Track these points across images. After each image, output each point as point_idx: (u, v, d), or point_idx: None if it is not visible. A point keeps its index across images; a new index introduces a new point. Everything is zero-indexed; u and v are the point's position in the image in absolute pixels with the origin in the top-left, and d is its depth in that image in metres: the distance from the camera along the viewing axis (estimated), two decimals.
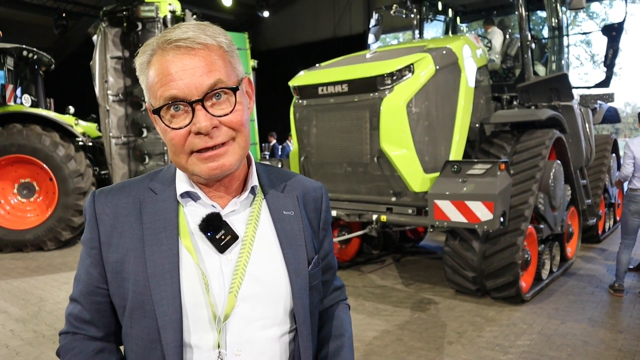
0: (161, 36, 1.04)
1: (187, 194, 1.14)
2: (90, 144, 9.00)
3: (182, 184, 1.14)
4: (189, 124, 1.03)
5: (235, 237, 1.11)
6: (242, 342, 1.09)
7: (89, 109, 10.51)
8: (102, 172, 9.21)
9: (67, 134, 8.56)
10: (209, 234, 1.10)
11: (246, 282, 1.10)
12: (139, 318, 1.08)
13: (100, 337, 1.17)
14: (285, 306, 1.13)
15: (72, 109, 9.71)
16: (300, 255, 1.16)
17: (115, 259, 1.11)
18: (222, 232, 1.10)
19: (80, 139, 8.67)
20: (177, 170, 1.16)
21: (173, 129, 1.04)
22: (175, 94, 1.01)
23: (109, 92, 8.46)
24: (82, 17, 18.29)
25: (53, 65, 10.19)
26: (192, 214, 1.14)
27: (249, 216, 1.16)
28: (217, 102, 1.04)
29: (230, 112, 1.05)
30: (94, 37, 8.70)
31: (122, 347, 1.22)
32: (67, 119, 8.97)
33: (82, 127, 9.37)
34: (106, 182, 9.14)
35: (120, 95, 8.53)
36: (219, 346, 1.07)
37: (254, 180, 1.17)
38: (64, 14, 16.49)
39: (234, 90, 1.06)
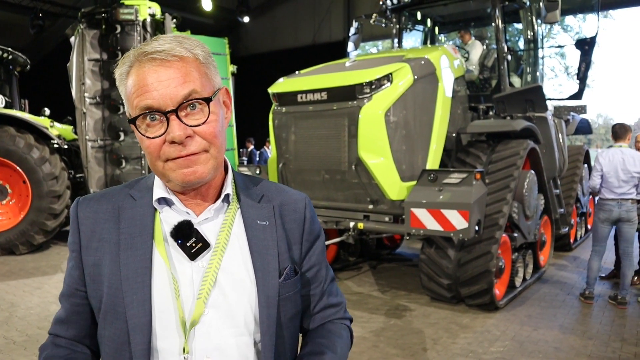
0: (139, 48, 1.07)
1: (164, 200, 1.17)
2: (66, 146, 8.87)
3: (159, 190, 1.17)
4: (163, 134, 1.05)
5: (206, 245, 1.13)
6: (211, 348, 1.10)
7: (64, 111, 10.35)
8: (78, 175, 9.07)
9: (42, 136, 8.42)
10: (179, 242, 1.13)
11: (215, 289, 1.11)
12: (111, 320, 1.11)
13: (75, 338, 1.20)
14: (254, 315, 1.14)
15: (47, 111, 9.56)
16: (270, 265, 1.17)
17: (93, 262, 1.15)
18: (193, 240, 1.12)
19: (55, 142, 8.55)
20: (156, 177, 1.19)
21: (148, 137, 1.06)
22: (150, 104, 1.04)
23: (86, 94, 8.36)
24: (59, 18, 18.04)
25: (28, 66, 10.03)
26: (167, 220, 1.16)
27: (222, 224, 1.17)
28: (192, 113, 1.07)
29: (204, 122, 1.07)
30: (72, 39, 8.59)
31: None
32: (42, 121, 8.83)
33: (57, 130, 9.21)
34: (81, 186, 9.01)
35: (97, 98, 8.44)
36: (184, 351, 1.09)
37: (227, 189, 1.19)
38: (40, 14, 16.22)
39: (208, 100, 1.08)
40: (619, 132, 5.86)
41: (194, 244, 1.12)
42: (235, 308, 1.12)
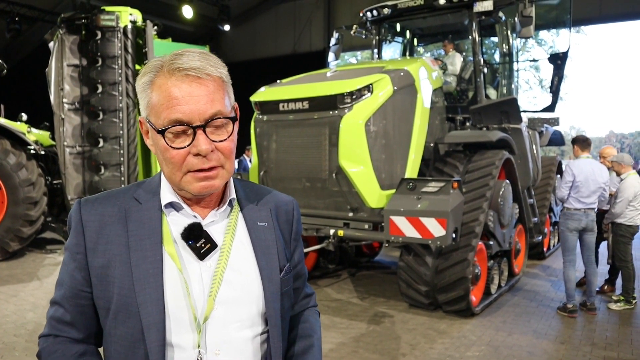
0: (169, 61, 1.13)
1: (171, 205, 1.23)
2: (43, 152, 8.76)
3: (167, 194, 1.23)
4: (188, 145, 1.13)
5: (214, 246, 1.21)
6: (220, 342, 1.18)
7: (42, 117, 10.21)
8: (55, 181, 8.95)
9: (19, 142, 8.30)
10: (190, 242, 1.19)
11: (223, 287, 1.19)
12: (123, 319, 1.16)
13: (81, 338, 1.24)
14: (258, 310, 1.23)
15: (24, 117, 9.42)
16: (272, 263, 1.27)
17: (101, 263, 1.18)
18: (202, 240, 1.20)
19: (32, 148, 8.44)
20: (162, 181, 1.25)
21: (175, 148, 1.13)
22: (180, 118, 1.11)
23: (64, 100, 8.29)
24: (36, 22, 17.79)
25: (5, 71, 9.88)
26: (174, 223, 1.22)
27: (227, 226, 1.26)
28: (216, 129, 1.15)
29: (226, 139, 1.16)
30: (51, 44, 8.52)
31: (101, 350, 1.29)
32: (18, 126, 8.69)
33: (34, 135, 9.09)
34: (59, 192, 8.90)
35: (76, 104, 8.38)
36: (198, 346, 1.16)
37: (231, 194, 1.28)
38: (17, 18, 15.99)
39: (233, 120, 1.18)
40: (583, 144, 6.04)
41: (203, 245, 1.19)
42: (241, 303, 1.21)
